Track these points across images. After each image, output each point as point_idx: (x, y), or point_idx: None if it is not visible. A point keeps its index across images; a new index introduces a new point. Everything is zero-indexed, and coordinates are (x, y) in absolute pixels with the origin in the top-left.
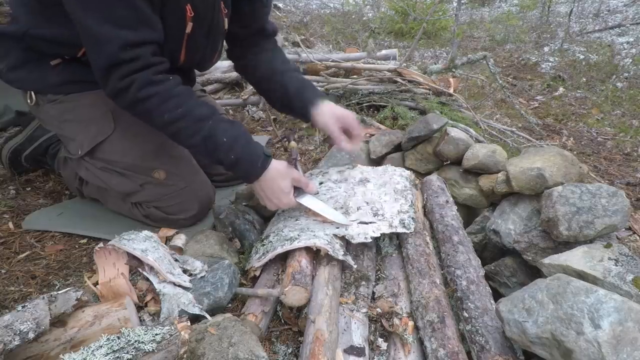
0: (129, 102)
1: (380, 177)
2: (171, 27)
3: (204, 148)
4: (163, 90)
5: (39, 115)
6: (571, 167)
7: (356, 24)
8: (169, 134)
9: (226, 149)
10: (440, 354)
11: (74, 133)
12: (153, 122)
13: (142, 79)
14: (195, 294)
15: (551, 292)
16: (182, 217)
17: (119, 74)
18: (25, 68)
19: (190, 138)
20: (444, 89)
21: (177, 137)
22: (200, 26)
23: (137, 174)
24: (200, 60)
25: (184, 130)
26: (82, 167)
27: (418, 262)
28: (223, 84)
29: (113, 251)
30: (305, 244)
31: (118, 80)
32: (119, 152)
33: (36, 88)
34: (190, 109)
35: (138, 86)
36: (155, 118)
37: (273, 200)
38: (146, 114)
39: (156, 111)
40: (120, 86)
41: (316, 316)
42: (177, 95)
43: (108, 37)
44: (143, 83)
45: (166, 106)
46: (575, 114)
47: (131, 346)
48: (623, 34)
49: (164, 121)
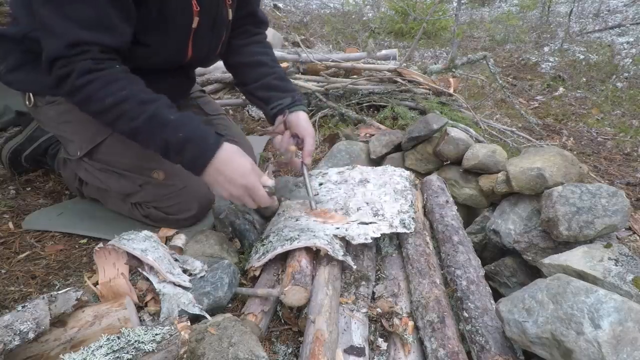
0: (68, 90)
1: (380, 177)
2: (177, 24)
3: (147, 129)
4: (105, 75)
5: (37, 117)
6: (571, 167)
7: (356, 24)
8: (109, 120)
9: (174, 127)
10: (440, 354)
11: (73, 134)
12: (91, 107)
13: (82, 66)
14: (195, 293)
15: (551, 292)
16: (181, 217)
17: (62, 63)
18: (23, 70)
19: (132, 121)
20: (444, 89)
21: (118, 122)
22: (205, 20)
23: (136, 175)
24: (207, 53)
25: (126, 114)
26: (82, 168)
27: (418, 262)
28: (223, 84)
29: (113, 251)
30: (305, 244)
31: (60, 68)
32: (117, 153)
33: (34, 89)
34: (135, 92)
35: (77, 74)
36: (95, 103)
37: (237, 181)
38: (85, 101)
39: (95, 96)
40: (60, 74)
41: (316, 316)
42: (120, 79)
43: (60, 32)
44: (82, 71)
45: (108, 90)
46: (575, 114)
47: (131, 346)
48: (623, 34)
49: (105, 105)
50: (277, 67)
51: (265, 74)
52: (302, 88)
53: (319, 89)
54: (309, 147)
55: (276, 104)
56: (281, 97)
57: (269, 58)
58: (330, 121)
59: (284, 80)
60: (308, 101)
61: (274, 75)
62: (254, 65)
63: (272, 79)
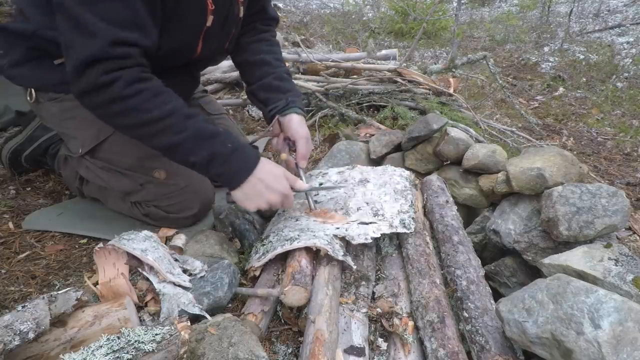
0: (109, 98)
1: (380, 177)
2: (190, 22)
3: (192, 142)
4: (152, 86)
5: (39, 113)
6: (571, 167)
7: (356, 24)
8: (149, 132)
9: (222, 139)
10: (440, 354)
11: (76, 131)
12: (133, 119)
13: (130, 75)
14: (195, 293)
15: (551, 292)
16: (182, 215)
17: (103, 68)
18: (27, 65)
19: (176, 134)
20: (444, 89)
21: (159, 135)
22: (218, 18)
23: (137, 174)
24: (215, 51)
25: (172, 127)
26: (83, 165)
27: (418, 262)
28: (223, 84)
29: (113, 251)
30: (305, 244)
31: (100, 75)
32: (120, 151)
33: (37, 86)
34: (179, 106)
35: (125, 83)
36: (140, 114)
37: (276, 187)
38: (127, 111)
39: (142, 107)
40: (101, 81)
41: (316, 316)
42: (164, 92)
43: (99, 30)
44: (131, 80)
45: (155, 102)
46: (575, 114)
47: (131, 346)
48: (623, 34)
49: (150, 117)
50: (280, 66)
51: (267, 74)
52: (302, 88)
53: (319, 89)
54: (301, 150)
55: (272, 107)
56: (277, 100)
57: (273, 57)
58: (330, 121)
59: (283, 80)
60: (308, 101)
61: (274, 75)
62: (257, 64)
63: (272, 79)
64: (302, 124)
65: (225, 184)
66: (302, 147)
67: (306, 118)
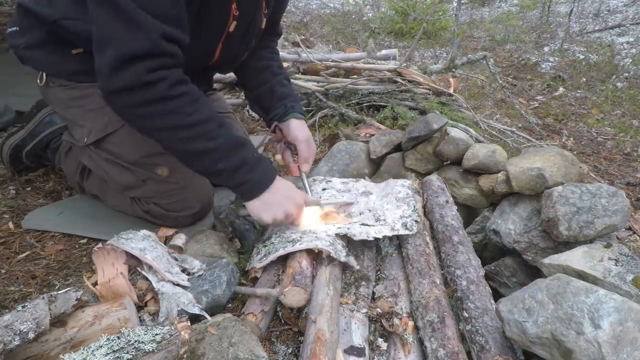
0: (148, 99)
1: (383, 189)
2: (212, 26)
3: (225, 149)
4: (193, 90)
5: (46, 96)
6: (571, 167)
7: (356, 24)
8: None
9: (251, 147)
10: (440, 354)
11: (83, 120)
12: (170, 121)
13: (176, 75)
14: (193, 292)
15: (551, 292)
16: (182, 214)
17: (148, 65)
18: (43, 49)
19: (209, 141)
20: (444, 89)
21: (193, 140)
22: (240, 25)
23: (140, 169)
24: (234, 58)
25: (207, 133)
26: (86, 154)
27: (418, 262)
28: (223, 84)
29: (112, 251)
30: (307, 246)
31: (144, 73)
32: (126, 145)
33: (50, 71)
34: (214, 113)
35: (170, 83)
36: (179, 116)
37: (295, 198)
38: (167, 113)
39: (184, 110)
40: (145, 80)
41: (317, 316)
42: (202, 97)
43: (146, 23)
44: (176, 80)
45: (195, 106)
46: (575, 114)
47: (131, 346)
48: (623, 34)
49: (189, 121)
50: (281, 73)
51: (267, 80)
52: (302, 88)
53: (319, 89)
54: (302, 154)
55: (273, 114)
56: (277, 107)
57: (275, 64)
58: (330, 121)
59: (283, 86)
60: (308, 101)
61: (274, 82)
62: (259, 70)
63: (272, 85)
64: (301, 128)
65: (247, 192)
66: (303, 150)
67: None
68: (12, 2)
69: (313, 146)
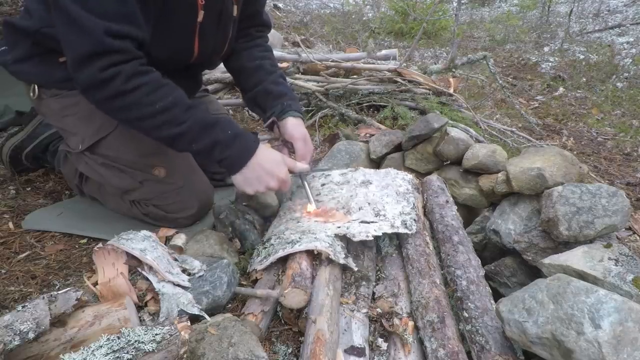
0: (112, 93)
1: (383, 179)
2: (181, 18)
3: (194, 132)
4: (152, 79)
5: (40, 109)
6: (571, 167)
7: (356, 24)
8: (153, 125)
9: (222, 126)
10: (440, 354)
11: (76, 128)
12: (137, 112)
13: (129, 69)
14: (193, 293)
15: (551, 292)
16: (181, 215)
17: (101, 64)
18: (31, 61)
19: (178, 126)
20: (444, 89)
21: (163, 127)
22: (210, 14)
23: (137, 171)
24: (212, 52)
25: (174, 119)
26: (82, 161)
27: (418, 262)
28: (223, 84)
29: (112, 251)
30: (306, 247)
31: (100, 70)
32: (120, 148)
33: (41, 82)
34: (180, 98)
35: (125, 77)
36: (144, 107)
37: (275, 172)
38: (131, 106)
39: (145, 100)
40: (103, 76)
41: (317, 316)
42: (165, 84)
43: (92, 24)
44: (130, 74)
45: (157, 95)
46: (575, 114)
47: (131, 346)
48: (623, 34)
49: (154, 110)
50: (275, 71)
51: (263, 80)
52: (302, 88)
53: (319, 89)
54: (300, 151)
55: (270, 113)
56: (274, 106)
57: (268, 62)
58: (330, 121)
59: (279, 85)
60: (308, 101)
61: (269, 80)
62: (253, 70)
63: (268, 84)
64: (298, 126)
65: (228, 169)
66: (300, 148)
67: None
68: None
69: (310, 144)
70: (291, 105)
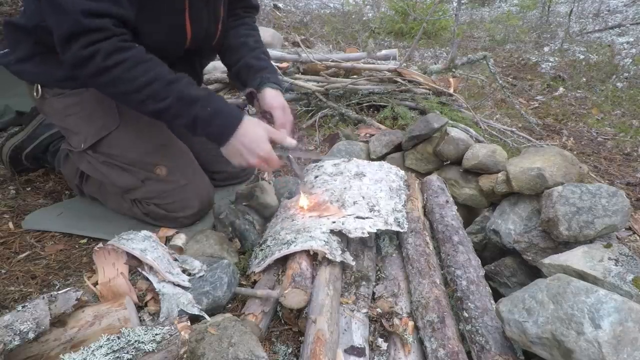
0: (94, 71)
1: (377, 172)
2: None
3: (176, 108)
4: (134, 55)
5: (43, 109)
6: (571, 167)
7: (356, 24)
8: (137, 100)
9: (202, 103)
10: (440, 354)
11: (78, 126)
12: (120, 88)
13: (109, 46)
14: (194, 293)
15: (551, 292)
16: (182, 214)
17: (81, 43)
18: (33, 61)
19: (161, 101)
20: (444, 89)
21: (146, 102)
22: None
23: (139, 169)
24: (206, 34)
25: (156, 94)
26: (84, 160)
27: (418, 262)
28: (223, 84)
29: (112, 251)
30: (302, 248)
31: (80, 49)
32: (122, 146)
33: (42, 81)
34: (162, 73)
35: (105, 54)
36: (125, 84)
37: (255, 150)
38: (113, 82)
39: (126, 76)
40: (83, 54)
41: (317, 316)
42: (147, 60)
43: (70, 6)
44: (110, 51)
45: (138, 70)
46: (575, 114)
47: (131, 346)
48: (623, 34)
49: (135, 86)
50: (258, 47)
51: (245, 55)
52: (302, 88)
53: (319, 89)
54: (279, 120)
55: (250, 86)
56: (253, 79)
57: (252, 39)
58: (330, 121)
59: (259, 60)
60: (308, 101)
61: (251, 55)
62: (237, 47)
63: (249, 59)
64: (276, 96)
65: (213, 142)
66: (279, 117)
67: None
68: (12, 2)
69: (289, 113)
70: (269, 77)
